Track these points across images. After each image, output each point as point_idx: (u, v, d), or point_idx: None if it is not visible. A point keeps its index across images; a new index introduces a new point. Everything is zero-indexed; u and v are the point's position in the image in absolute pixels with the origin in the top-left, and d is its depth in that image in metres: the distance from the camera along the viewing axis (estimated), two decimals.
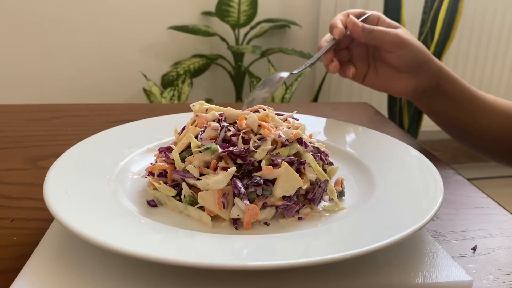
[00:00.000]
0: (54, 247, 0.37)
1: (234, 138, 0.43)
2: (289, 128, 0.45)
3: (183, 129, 0.47)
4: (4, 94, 1.67)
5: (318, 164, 0.44)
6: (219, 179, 0.39)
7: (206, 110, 0.47)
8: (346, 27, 0.65)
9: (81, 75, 1.71)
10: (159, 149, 0.46)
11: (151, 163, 0.47)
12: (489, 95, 0.67)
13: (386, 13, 1.51)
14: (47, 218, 0.43)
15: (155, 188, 0.43)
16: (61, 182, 0.41)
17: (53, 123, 0.74)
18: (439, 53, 1.47)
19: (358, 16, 0.66)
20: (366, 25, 0.63)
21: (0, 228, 0.43)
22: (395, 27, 0.64)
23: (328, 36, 0.66)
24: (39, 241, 0.38)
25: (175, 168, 0.43)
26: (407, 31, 0.64)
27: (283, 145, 0.43)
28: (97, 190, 0.42)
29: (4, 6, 1.57)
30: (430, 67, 0.64)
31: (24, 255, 0.37)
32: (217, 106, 0.48)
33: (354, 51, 0.68)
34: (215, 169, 0.41)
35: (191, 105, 0.48)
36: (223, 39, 1.68)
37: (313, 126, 0.60)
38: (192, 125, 0.46)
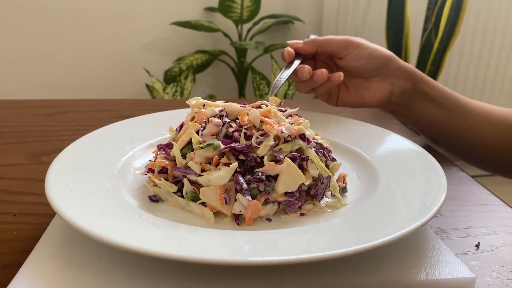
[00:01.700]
0: (56, 242, 0.37)
1: (236, 134, 0.42)
2: (292, 124, 0.45)
3: (182, 125, 0.47)
4: (7, 90, 1.67)
5: (321, 160, 0.44)
6: (221, 175, 0.39)
7: (204, 106, 0.47)
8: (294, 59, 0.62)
9: (84, 70, 1.71)
10: (158, 146, 0.46)
11: (149, 160, 0.47)
12: (480, 102, 0.64)
13: (390, 9, 1.51)
14: (49, 213, 0.43)
15: (155, 185, 0.43)
16: (63, 177, 0.41)
17: (56, 119, 0.74)
18: (443, 50, 1.46)
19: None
20: (306, 39, 0.63)
21: (2, 223, 0.43)
22: None
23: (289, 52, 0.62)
24: (41, 235, 0.38)
25: (176, 164, 0.43)
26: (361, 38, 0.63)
27: (286, 141, 0.43)
28: (98, 185, 0.42)
29: (9, 1, 1.57)
30: (398, 66, 0.62)
31: (26, 249, 0.37)
32: (213, 102, 0.47)
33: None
34: (217, 165, 0.41)
35: (187, 101, 0.48)
36: (226, 35, 1.67)
37: (315, 122, 0.59)
38: (191, 121, 0.45)
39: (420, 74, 0.62)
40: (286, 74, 0.60)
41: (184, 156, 0.43)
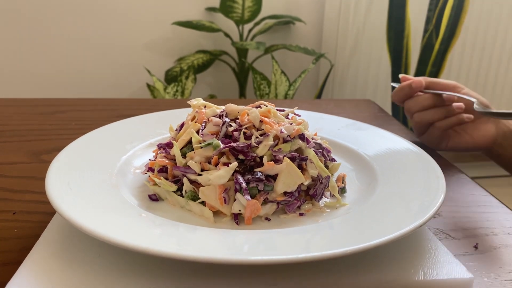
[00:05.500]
0: (56, 240, 0.37)
1: (235, 133, 0.43)
2: (291, 124, 0.45)
3: (182, 125, 0.47)
4: (8, 88, 1.67)
5: (320, 160, 0.44)
6: (221, 174, 0.39)
7: (205, 107, 0.47)
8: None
9: (85, 70, 1.71)
10: (158, 145, 0.46)
11: (149, 159, 0.47)
12: None
13: (390, 10, 1.51)
14: (49, 211, 0.44)
15: (155, 184, 0.43)
16: (63, 176, 0.41)
17: (57, 118, 0.74)
18: (444, 51, 1.46)
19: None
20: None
21: (2, 221, 0.43)
22: None
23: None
24: (41, 233, 0.38)
25: (176, 164, 0.43)
26: None
27: (285, 141, 0.43)
28: (98, 184, 0.42)
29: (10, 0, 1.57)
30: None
31: (26, 247, 0.37)
32: (214, 105, 0.48)
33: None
34: (216, 165, 0.41)
35: (188, 101, 0.48)
36: (227, 35, 1.67)
37: (316, 123, 0.60)
38: (192, 121, 0.46)
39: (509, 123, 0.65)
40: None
41: (184, 156, 0.43)
